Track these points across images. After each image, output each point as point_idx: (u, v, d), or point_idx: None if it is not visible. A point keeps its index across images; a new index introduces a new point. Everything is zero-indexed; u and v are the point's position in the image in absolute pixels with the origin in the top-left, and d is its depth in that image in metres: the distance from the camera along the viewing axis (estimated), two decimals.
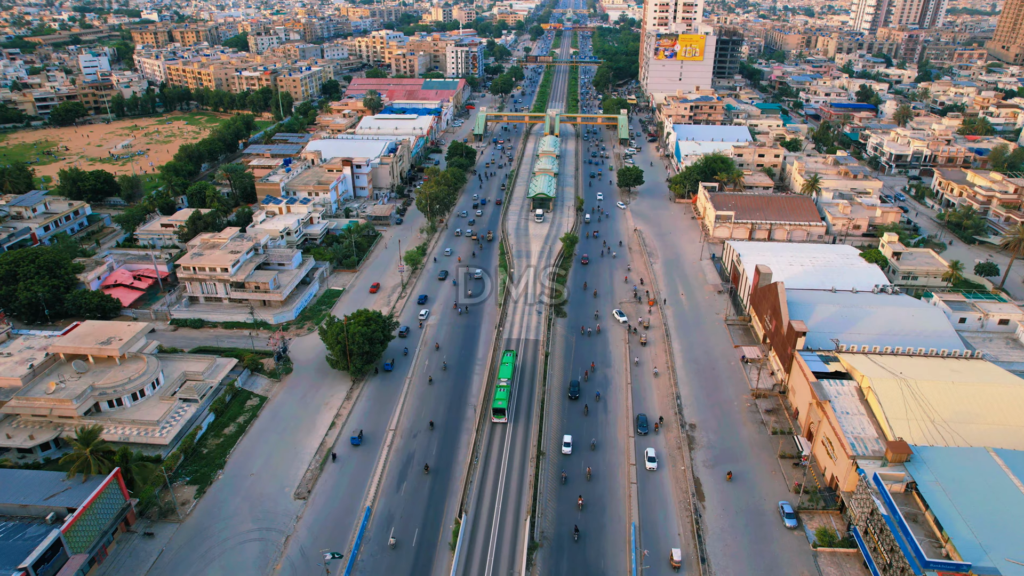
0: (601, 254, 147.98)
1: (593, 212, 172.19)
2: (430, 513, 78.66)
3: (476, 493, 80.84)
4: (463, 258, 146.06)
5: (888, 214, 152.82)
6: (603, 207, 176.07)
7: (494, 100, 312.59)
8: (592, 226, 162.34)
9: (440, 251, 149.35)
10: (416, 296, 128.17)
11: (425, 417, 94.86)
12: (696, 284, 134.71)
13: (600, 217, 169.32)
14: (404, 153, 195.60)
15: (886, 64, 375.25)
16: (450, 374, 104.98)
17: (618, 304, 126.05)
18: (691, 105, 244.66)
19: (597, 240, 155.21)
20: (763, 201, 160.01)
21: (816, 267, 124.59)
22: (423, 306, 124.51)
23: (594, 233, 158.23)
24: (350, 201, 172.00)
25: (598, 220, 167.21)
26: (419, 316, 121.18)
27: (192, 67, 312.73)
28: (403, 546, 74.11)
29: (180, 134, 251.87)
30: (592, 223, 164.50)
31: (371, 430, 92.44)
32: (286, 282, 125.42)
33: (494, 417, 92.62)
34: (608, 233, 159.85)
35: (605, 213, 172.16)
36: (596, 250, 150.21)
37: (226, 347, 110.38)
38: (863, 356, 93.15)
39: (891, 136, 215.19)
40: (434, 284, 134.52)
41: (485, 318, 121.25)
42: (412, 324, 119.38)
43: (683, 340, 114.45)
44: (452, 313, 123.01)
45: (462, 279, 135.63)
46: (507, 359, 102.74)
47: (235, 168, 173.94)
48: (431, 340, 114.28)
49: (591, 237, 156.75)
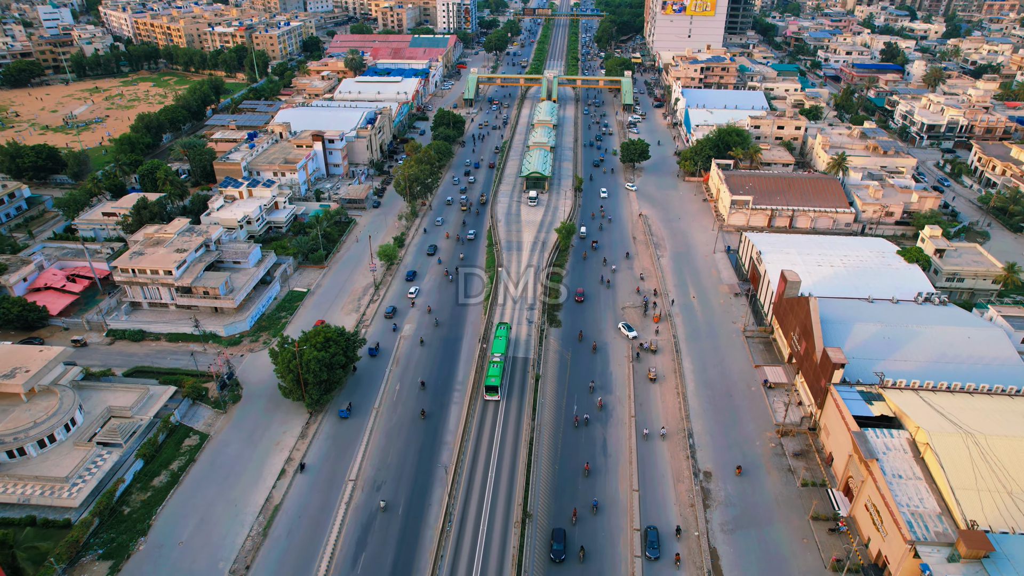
0: (600, 227, 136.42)
1: (592, 180, 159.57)
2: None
3: None
4: (451, 233, 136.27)
5: (926, 199, 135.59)
6: (605, 187, 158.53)
7: (488, 58, 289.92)
8: (593, 231, 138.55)
9: (421, 243, 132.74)
10: (387, 306, 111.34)
11: (392, 463, 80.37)
12: (709, 284, 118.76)
13: (601, 202, 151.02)
14: (385, 123, 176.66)
15: (910, 17, 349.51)
16: (424, 402, 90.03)
17: (622, 310, 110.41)
18: (702, 67, 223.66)
19: (599, 229, 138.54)
20: (784, 183, 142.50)
21: (848, 268, 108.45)
22: (393, 318, 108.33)
23: (600, 215, 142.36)
24: (322, 181, 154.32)
25: (598, 211, 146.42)
26: (390, 324, 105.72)
27: (161, 21, 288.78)
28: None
29: (145, 98, 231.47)
30: (593, 219, 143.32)
31: (327, 479, 78.10)
32: (241, 284, 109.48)
33: (487, 395, 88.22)
34: (610, 221, 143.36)
35: (607, 194, 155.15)
36: (596, 210, 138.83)
37: (166, 368, 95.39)
38: (913, 393, 78.10)
39: (922, 103, 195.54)
40: (409, 284, 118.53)
41: (468, 328, 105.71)
42: (384, 336, 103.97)
43: (695, 356, 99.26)
44: (430, 322, 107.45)
45: (451, 275, 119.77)
46: (501, 332, 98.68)
47: (194, 143, 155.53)
48: (404, 357, 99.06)
49: (595, 218, 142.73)
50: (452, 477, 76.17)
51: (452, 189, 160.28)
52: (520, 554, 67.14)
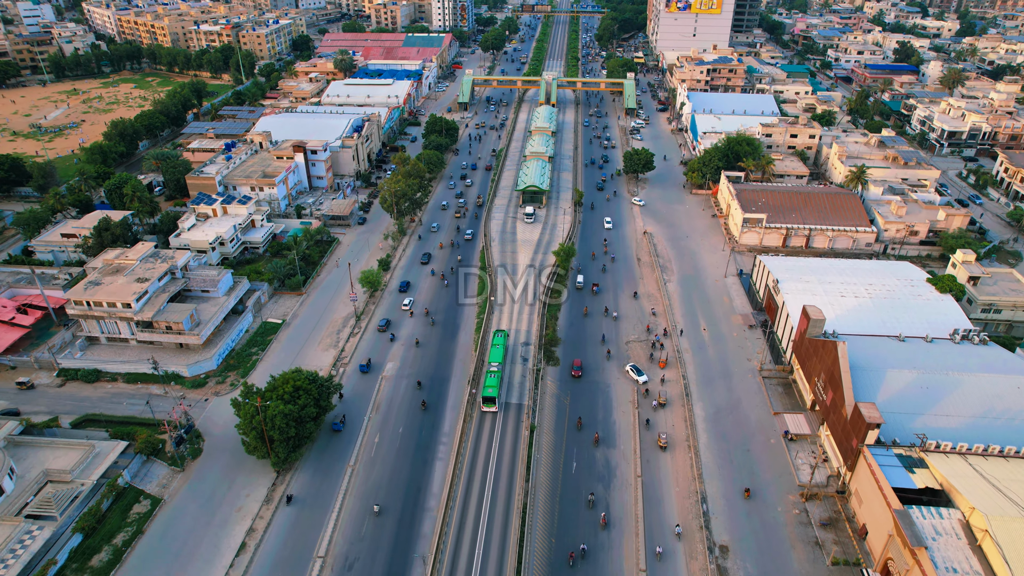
0: (603, 268, 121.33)
1: (594, 208, 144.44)
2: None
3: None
4: (445, 242, 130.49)
5: (954, 217, 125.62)
6: (609, 216, 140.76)
7: (484, 58, 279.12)
8: (593, 236, 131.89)
9: (409, 262, 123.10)
10: (363, 356, 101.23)
11: (366, 536, 70.86)
12: (721, 313, 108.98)
13: (605, 235, 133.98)
14: (373, 131, 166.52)
15: (921, 14, 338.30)
16: (403, 459, 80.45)
17: (626, 344, 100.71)
18: (708, 68, 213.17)
19: (602, 270, 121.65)
20: (800, 199, 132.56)
21: (875, 299, 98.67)
22: (386, 330, 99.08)
23: (603, 250, 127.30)
24: (304, 195, 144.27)
25: (600, 245, 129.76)
26: (383, 339, 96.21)
27: (145, 19, 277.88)
28: None
29: (125, 101, 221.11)
30: (595, 230, 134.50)
31: (293, 555, 68.61)
32: (209, 316, 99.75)
33: (484, 406, 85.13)
34: (614, 238, 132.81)
35: (609, 211, 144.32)
36: (597, 260, 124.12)
37: (120, 416, 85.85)
38: (960, 459, 68.51)
39: (942, 107, 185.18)
40: (397, 312, 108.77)
41: (457, 364, 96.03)
42: (366, 377, 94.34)
43: (708, 401, 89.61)
44: (414, 355, 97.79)
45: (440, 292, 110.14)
46: (498, 340, 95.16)
47: (167, 155, 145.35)
48: (384, 402, 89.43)
49: (596, 257, 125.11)
50: (432, 567, 66.48)
51: (447, 194, 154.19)
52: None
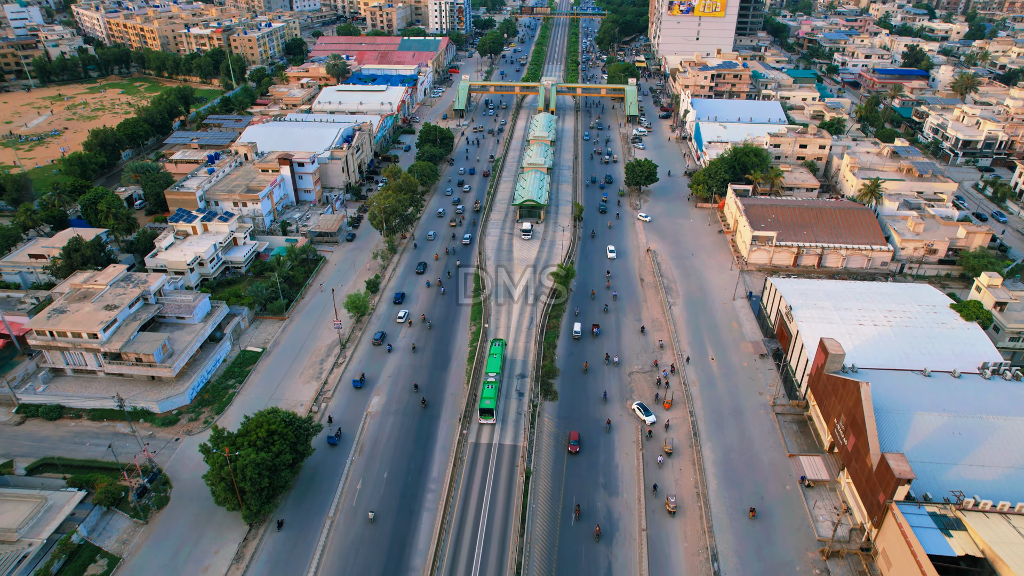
0: (605, 307, 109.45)
1: (595, 237, 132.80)
2: None
3: None
4: (440, 254, 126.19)
5: (975, 235, 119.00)
6: (613, 244, 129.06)
7: (482, 62, 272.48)
8: (593, 268, 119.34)
9: (398, 284, 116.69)
10: (353, 373, 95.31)
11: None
12: (730, 341, 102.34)
13: (607, 266, 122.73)
14: (365, 140, 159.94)
15: (929, 16, 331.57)
16: (387, 509, 73.86)
17: (629, 376, 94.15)
18: (712, 74, 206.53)
19: (601, 279, 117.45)
20: (811, 215, 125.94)
21: (895, 328, 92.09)
22: (363, 388, 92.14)
23: (605, 285, 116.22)
24: (290, 209, 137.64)
25: (602, 281, 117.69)
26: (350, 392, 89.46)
27: (135, 22, 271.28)
28: None
29: (111, 107, 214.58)
30: (596, 259, 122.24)
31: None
32: (183, 346, 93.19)
33: (481, 418, 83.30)
34: (618, 270, 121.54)
35: (612, 238, 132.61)
36: (598, 282, 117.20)
37: (81, 460, 79.42)
38: (1002, 519, 61.93)
39: (955, 115, 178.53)
40: (392, 324, 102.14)
41: (447, 402, 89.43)
42: (351, 411, 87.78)
43: (717, 442, 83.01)
44: (403, 391, 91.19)
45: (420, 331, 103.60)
46: (495, 350, 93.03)
47: (146, 167, 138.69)
48: (368, 441, 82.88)
49: (596, 297, 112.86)
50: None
51: (444, 201, 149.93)
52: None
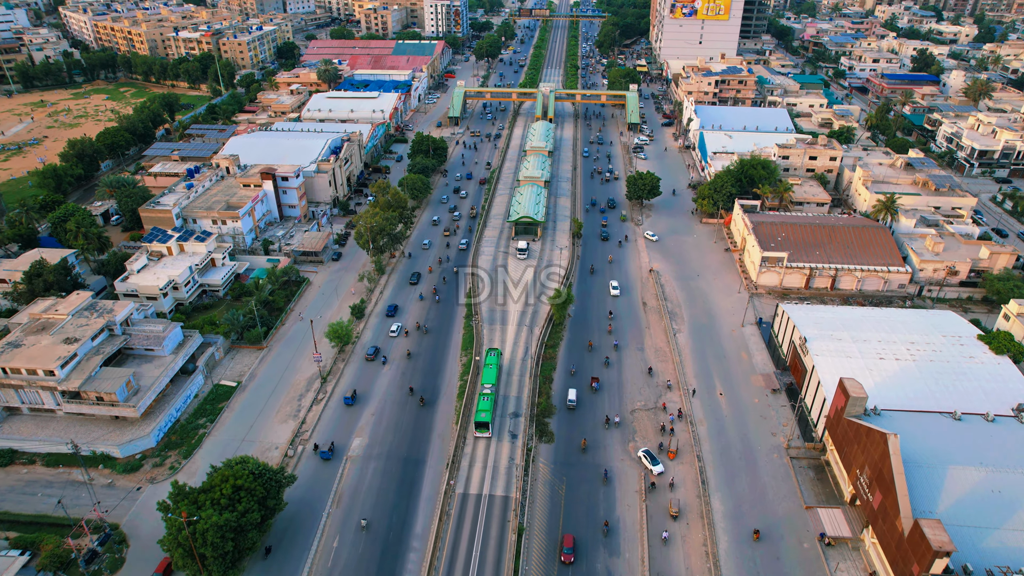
0: (606, 360, 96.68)
1: (595, 272, 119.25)
2: None
3: None
4: (434, 267, 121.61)
5: (999, 256, 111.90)
6: (616, 279, 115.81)
7: (479, 66, 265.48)
8: (595, 366, 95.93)
9: (404, 271, 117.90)
10: (333, 411, 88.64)
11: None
12: (739, 373, 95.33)
13: (609, 306, 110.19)
14: (354, 151, 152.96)
15: (936, 17, 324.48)
16: (367, 573, 66.91)
17: (631, 414, 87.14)
18: (716, 79, 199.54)
19: (603, 363, 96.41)
20: (824, 233, 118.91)
21: (920, 363, 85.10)
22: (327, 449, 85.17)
23: (608, 320, 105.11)
24: (274, 226, 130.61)
25: (603, 325, 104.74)
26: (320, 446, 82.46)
27: (122, 25, 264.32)
28: None
29: (95, 114, 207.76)
30: (590, 352, 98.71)
31: None
32: (151, 381, 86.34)
33: (476, 432, 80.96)
34: (622, 308, 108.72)
35: (615, 272, 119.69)
36: (597, 351, 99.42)
37: (30, 515, 72.56)
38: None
39: (969, 123, 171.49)
40: (368, 371, 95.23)
41: (433, 449, 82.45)
42: (331, 456, 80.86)
43: (727, 492, 76.01)
44: (389, 433, 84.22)
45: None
46: (491, 360, 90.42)
47: (121, 181, 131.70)
48: (348, 490, 75.92)
49: (594, 348, 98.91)
50: None
51: (439, 208, 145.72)
52: None
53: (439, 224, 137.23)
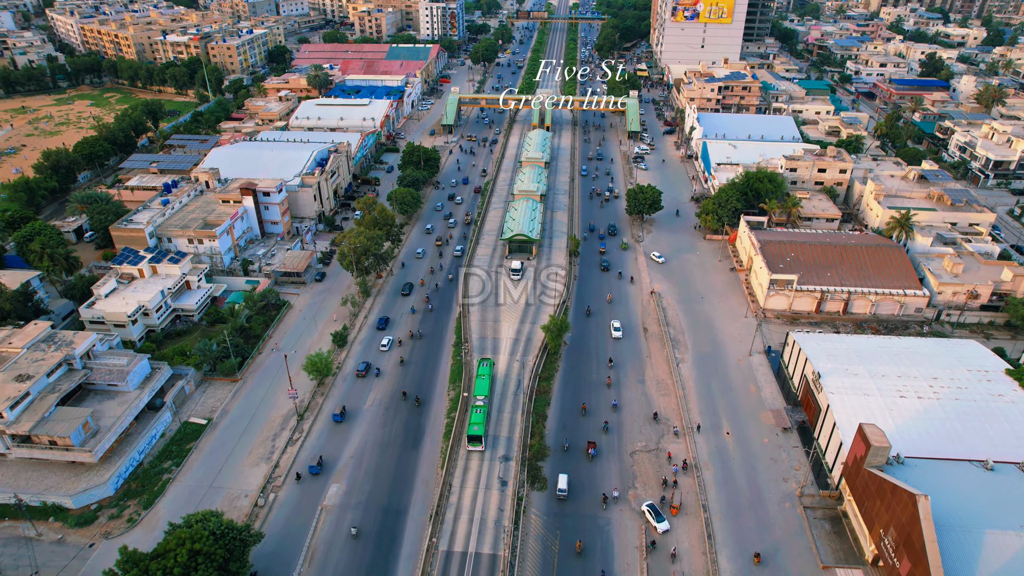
0: (605, 425, 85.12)
1: (591, 314, 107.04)
2: None
3: None
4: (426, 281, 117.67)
5: (1022, 278, 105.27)
6: (618, 320, 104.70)
7: (475, 71, 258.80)
8: (593, 430, 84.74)
9: (396, 283, 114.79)
10: (310, 453, 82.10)
11: None
12: (747, 408, 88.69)
13: (607, 318, 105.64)
14: (341, 163, 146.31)
15: (943, 20, 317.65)
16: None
17: (631, 456, 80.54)
18: (719, 86, 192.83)
19: (602, 429, 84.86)
20: (835, 253, 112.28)
21: (944, 401, 78.54)
22: (321, 475, 78.48)
23: (608, 368, 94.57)
24: (255, 244, 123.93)
25: (603, 384, 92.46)
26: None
27: (109, 28, 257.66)
28: None
29: (77, 121, 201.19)
30: (584, 416, 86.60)
31: None
32: (111, 421, 79.83)
33: (469, 445, 78.88)
34: (622, 354, 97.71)
35: (616, 311, 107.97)
36: (593, 414, 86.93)
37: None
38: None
39: (983, 131, 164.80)
40: (348, 405, 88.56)
41: (416, 498, 75.81)
42: (304, 503, 74.29)
43: (735, 547, 69.33)
44: (369, 480, 77.61)
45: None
46: (483, 371, 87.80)
47: (94, 196, 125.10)
48: (321, 546, 69.27)
49: (587, 412, 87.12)
50: None
51: (434, 215, 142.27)
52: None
53: (432, 232, 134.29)
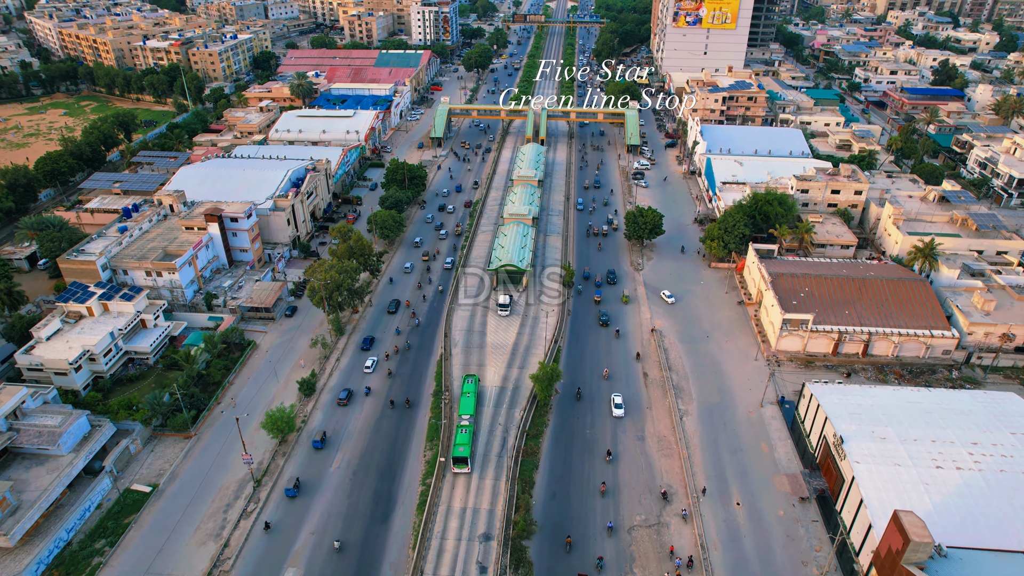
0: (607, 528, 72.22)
1: (581, 397, 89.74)
2: None
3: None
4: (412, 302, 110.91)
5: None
6: (604, 380, 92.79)
7: (468, 78, 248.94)
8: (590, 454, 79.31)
9: (384, 294, 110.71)
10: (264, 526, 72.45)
11: None
12: (760, 471, 78.94)
13: (607, 395, 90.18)
14: (319, 182, 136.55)
15: (953, 25, 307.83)
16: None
17: (629, 532, 70.81)
18: (724, 96, 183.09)
19: (599, 492, 75.70)
20: (854, 288, 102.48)
21: (988, 473, 68.86)
22: (278, 539, 68.84)
23: (606, 459, 79.75)
24: (221, 274, 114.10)
25: (601, 458, 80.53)
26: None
27: (88, 33, 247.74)
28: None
29: (47, 131, 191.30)
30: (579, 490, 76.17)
31: None
32: (36, 494, 70.08)
33: (455, 467, 75.33)
34: (621, 433, 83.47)
35: (622, 410, 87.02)
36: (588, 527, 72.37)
37: None
38: None
39: (1005, 146, 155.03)
40: (313, 466, 78.79)
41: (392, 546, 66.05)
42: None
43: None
44: (329, 565, 67.76)
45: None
46: (468, 388, 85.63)
47: (45, 222, 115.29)
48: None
49: (578, 485, 76.44)
50: None
51: (425, 228, 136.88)
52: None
53: (420, 246, 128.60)
